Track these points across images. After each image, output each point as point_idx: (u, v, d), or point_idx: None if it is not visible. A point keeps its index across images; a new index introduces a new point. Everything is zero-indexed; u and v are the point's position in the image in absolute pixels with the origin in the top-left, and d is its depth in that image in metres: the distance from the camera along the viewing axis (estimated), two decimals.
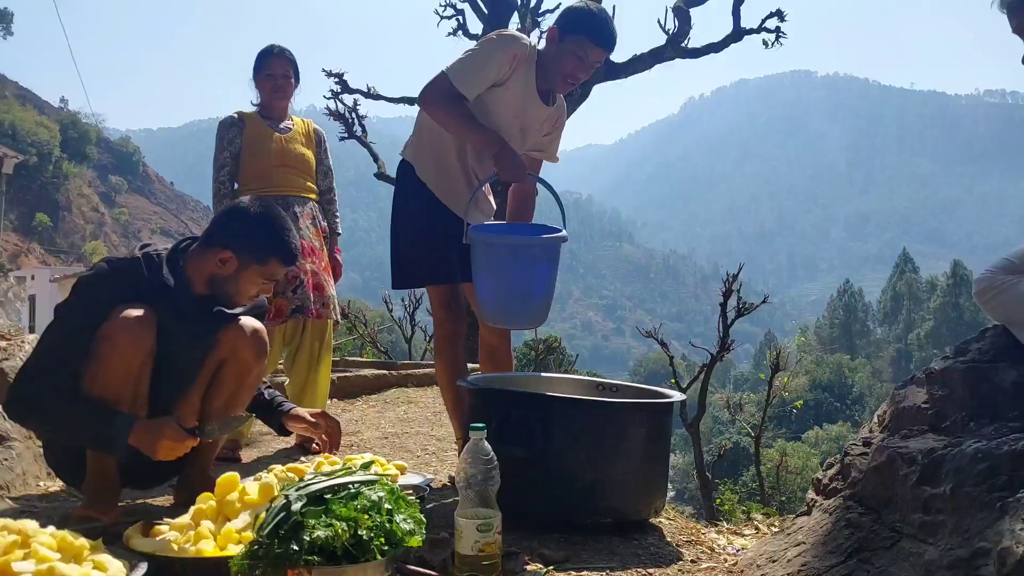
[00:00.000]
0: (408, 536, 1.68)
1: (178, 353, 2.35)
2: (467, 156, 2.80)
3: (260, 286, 2.39)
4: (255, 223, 2.33)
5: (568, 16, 2.71)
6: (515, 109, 2.76)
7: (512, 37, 2.79)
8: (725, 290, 8.39)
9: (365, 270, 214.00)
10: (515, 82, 2.72)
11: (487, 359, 3.00)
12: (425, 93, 2.68)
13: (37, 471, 2.90)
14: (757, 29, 9.68)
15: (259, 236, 2.32)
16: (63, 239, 70.88)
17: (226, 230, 2.35)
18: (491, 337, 2.96)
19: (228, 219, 2.38)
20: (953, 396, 1.98)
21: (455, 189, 2.80)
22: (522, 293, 2.62)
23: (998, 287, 1.99)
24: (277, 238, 2.34)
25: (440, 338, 2.93)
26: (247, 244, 2.31)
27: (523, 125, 2.82)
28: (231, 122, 3.58)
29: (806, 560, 1.87)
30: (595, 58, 2.69)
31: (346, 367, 6.55)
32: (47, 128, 71.92)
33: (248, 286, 2.36)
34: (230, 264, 2.31)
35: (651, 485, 2.40)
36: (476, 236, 2.62)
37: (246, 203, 2.39)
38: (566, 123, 3.03)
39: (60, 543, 1.71)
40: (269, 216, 2.35)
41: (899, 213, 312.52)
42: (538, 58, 2.76)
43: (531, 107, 2.80)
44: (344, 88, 10.78)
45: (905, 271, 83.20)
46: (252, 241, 2.32)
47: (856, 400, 50.75)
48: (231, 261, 2.31)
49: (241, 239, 2.32)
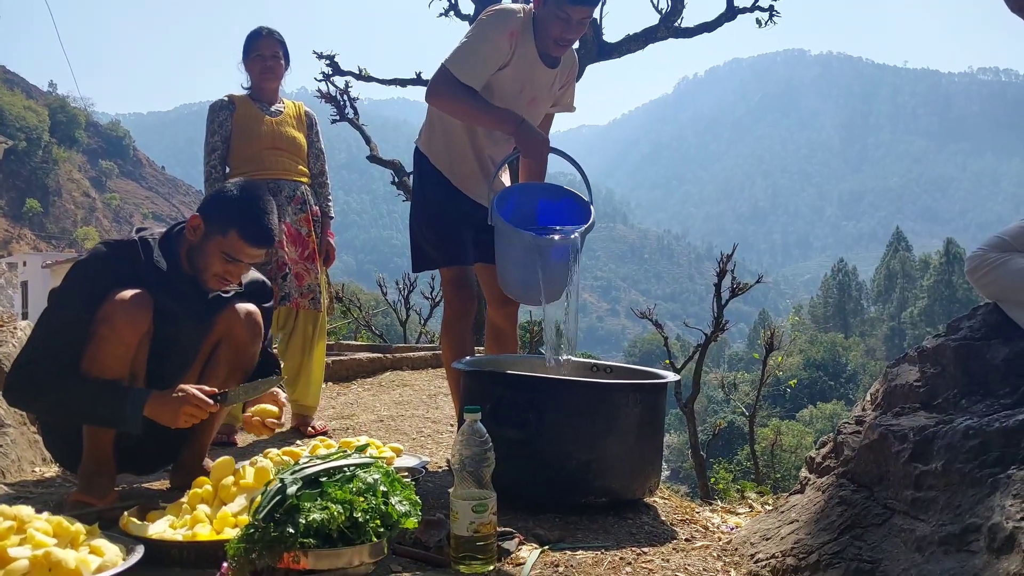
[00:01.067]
0: (404, 518, 1.69)
1: (174, 335, 2.35)
2: (479, 140, 2.81)
3: (224, 265, 2.29)
4: (230, 195, 2.32)
5: None
6: (521, 83, 2.74)
7: (503, 14, 2.70)
8: (719, 270, 8.40)
9: (359, 253, 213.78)
10: (518, 58, 2.70)
11: (493, 341, 3.02)
12: (431, 89, 2.66)
13: (32, 456, 2.90)
14: (751, 8, 9.62)
15: (228, 206, 2.29)
16: (54, 224, 70.51)
17: (206, 200, 2.38)
18: (498, 319, 2.98)
19: (213, 192, 2.42)
20: (945, 374, 1.99)
21: (469, 174, 2.83)
22: (544, 279, 2.62)
23: (990, 264, 2.00)
24: (245, 213, 2.27)
25: (448, 317, 2.93)
26: (214, 211, 2.30)
27: (533, 96, 2.80)
28: (221, 105, 3.55)
29: (799, 537, 1.89)
30: (578, 16, 2.61)
31: (341, 351, 6.56)
32: (36, 112, 71.35)
33: (211, 259, 2.29)
34: (198, 232, 2.30)
35: (645, 465, 2.41)
36: (500, 226, 2.61)
37: (235, 182, 2.39)
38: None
39: (56, 528, 1.71)
40: (247, 192, 2.32)
41: (892, 191, 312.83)
42: (534, 21, 2.71)
43: (538, 75, 2.77)
44: (335, 70, 10.69)
45: (898, 249, 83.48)
46: (220, 209, 2.30)
47: (850, 378, 51.02)
48: (199, 228, 2.30)
49: (211, 206, 2.32)
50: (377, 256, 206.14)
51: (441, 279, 2.97)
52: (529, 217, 2.79)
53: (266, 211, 2.31)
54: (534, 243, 2.56)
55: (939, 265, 69.69)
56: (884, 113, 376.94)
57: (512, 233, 2.59)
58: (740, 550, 2.07)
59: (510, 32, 2.66)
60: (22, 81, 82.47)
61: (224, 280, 2.35)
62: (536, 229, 2.70)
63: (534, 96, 2.80)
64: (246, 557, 1.58)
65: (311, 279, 3.55)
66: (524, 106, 2.76)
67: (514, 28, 2.66)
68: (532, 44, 2.72)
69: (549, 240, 2.59)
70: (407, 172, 10.37)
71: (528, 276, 2.60)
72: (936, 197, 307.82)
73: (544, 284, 2.58)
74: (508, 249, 2.64)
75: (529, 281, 2.60)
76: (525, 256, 2.58)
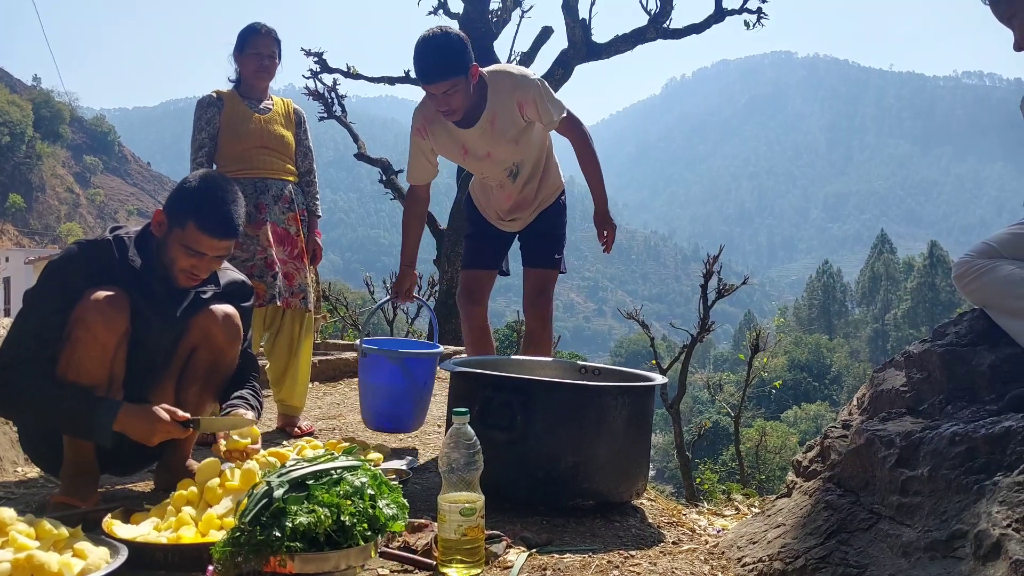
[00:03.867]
0: (391, 521, 1.68)
1: (150, 336, 2.30)
2: (484, 188, 3.37)
3: (189, 259, 2.23)
4: (189, 187, 2.26)
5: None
6: (458, 150, 3.10)
7: (413, 121, 3.11)
8: (706, 271, 8.43)
9: (346, 251, 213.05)
10: (439, 138, 3.08)
11: (525, 341, 3.42)
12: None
13: (14, 457, 2.87)
14: (739, 10, 9.65)
15: (184, 198, 2.24)
16: (37, 220, 69.89)
17: (170, 194, 2.30)
18: (528, 320, 3.39)
19: (176, 186, 2.34)
20: (931, 379, 2.00)
21: (484, 205, 3.44)
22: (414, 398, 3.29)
23: (977, 271, 2.01)
24: (202, 204, 2.21)
25: (462, 319, 3.47)
26: (173, 204, 2.25)
27: (486, 152, 3.08)
28: (209, 101, 3.52)
29: (786, 542, 1.89)
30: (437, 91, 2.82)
31: (327, 350, 6.53)
32: (19, 107, 70.71)
33: (175, 253, 2.24)
34: (163, 226, 2.25)
35: (633, 468, 2.41)
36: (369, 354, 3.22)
37: (198, 173, 2.33)
38: (544, 90, 2.99)
39: (38, 531, 1.70)
40: (206, 183, 2.25)
41: (877, 194, 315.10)
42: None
43: (466, 137, 3.04)
44: (323, 67, 10.64)
45: (883, 251, 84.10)
46: (177, 202, 2.24)
47: (834, 380, 51.38)
48: (164, 224, 2.25)
49: (171, 199, 2.27)
50: (364, 255, 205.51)
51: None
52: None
53: (226, 201, 2.23)
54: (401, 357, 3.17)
55: (922, 268, 70.30)
56: (869, 116, 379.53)
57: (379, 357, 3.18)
58: (727, 553, 2.07)
59: (417, 129, 3.09)
60: (6, 75, 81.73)
61: (192, 276, 2.28)
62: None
63: (487, 152, 3.07)
64: (232, 561, 1.57)
65: (301, 278, 3.53)
66: (483, 160, 3.10)
67: (419, 124, 3.08)
68: (443, 121, 3.01)
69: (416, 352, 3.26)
70: (395, 170, 10.34)
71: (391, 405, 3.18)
72: (920, 200, 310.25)
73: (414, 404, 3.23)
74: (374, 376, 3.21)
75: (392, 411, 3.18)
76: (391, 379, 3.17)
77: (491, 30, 9.68)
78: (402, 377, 3.23)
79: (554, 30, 9.75)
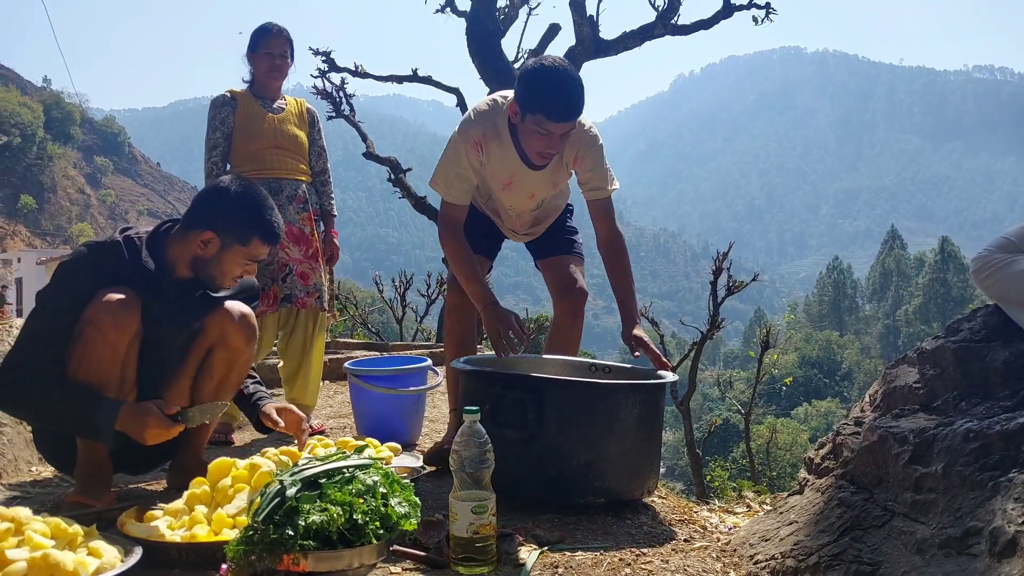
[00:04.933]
0: (403, 519, 1.69)
1: (162, 336, 2.31)
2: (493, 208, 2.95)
3: (244, 266, 2.34)
4: (236, 202, 2.28)
5: (525, 89, 2.49)
6: (502, 178, 2.75)
7: (467, 124, 2.66)
8: (715, 268, 8.41)
9: (355, 251, 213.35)
10: (492, 160, 2.69)
11: (552, 334, 3.01)
12: (440, 231, 2.74)
13: (29, 456, 2.89)
14: (747, 5, 9.60)
15: (240, 216, 2.28)
16: (49, 221, 70.31)
17: (207, 211, 2.30)
18: (557, 312, 2.99)
19: (209, 199, 2.33)
20: (944, 375, 1.99)
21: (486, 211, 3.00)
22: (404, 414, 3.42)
23: (995, 265, 1.99)
24: (258, 217, 2.28)
25: (453, 316, 2.95)
26: (228, 224, 2.27)
27: (527, 188, 2.78)
28: (223, 101, 3.52)
29: (799, 539, 1.89)
30: (560, 131, 2.51)
31: (337, 348, 6.54)
32: (30, 108, 71.11)
33: (231, 267, 2.32)
34: (212, 245, 2.27)
35: (644, 465, 2.40)
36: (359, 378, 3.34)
37: (226, 182, 2.33)
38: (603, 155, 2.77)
39: (54, 530, 1.70)
40: (250, 194, 2.30)
41: (888, 189, 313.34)
42: (512, 128, 2.63)
43: (520, 174, 2.73)
44: (331, 67, 10.64)
45: (893, 247, 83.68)
46: (233, 221, 2.27)
47: (845, 376, 51.15)
48: (213, 242, 2.27)
49: (222, 219, 2.28)
50: (373, 254, 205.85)
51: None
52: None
53: (271, 207, 2.33)
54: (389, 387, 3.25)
55: (934, 263, 69.89)
56: (880, 111, 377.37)
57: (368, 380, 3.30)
58: (739, 551, 2.07)
59: (473, 143, 2.64)
60: (16, 77, 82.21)
61: (235, 279, 2.39)
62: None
63: (531, 192, 2.80)
64: (245, 559, 1.58)
65: (316, 278, 3.53)
66: (520, 196, 2.79)
67: (475, 138, 2.64)
68: (511, 146, 2.66)
69: (403, 369, 3.40)
70: (403, 169, 10.34)
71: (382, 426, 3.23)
72: (931, 195, 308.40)
73: (407, 424, 3.34)
74: (365, 403, 3.34)
75: (385, 432, 3.11)
76: (381, 405, 3.29)
77: (499, 27, 9.67)
78: (392, 402, 3.34)
79: (562, 27, 9.74)
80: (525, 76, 2.50)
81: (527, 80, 2.48)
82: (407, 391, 3.38)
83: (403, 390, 3.37)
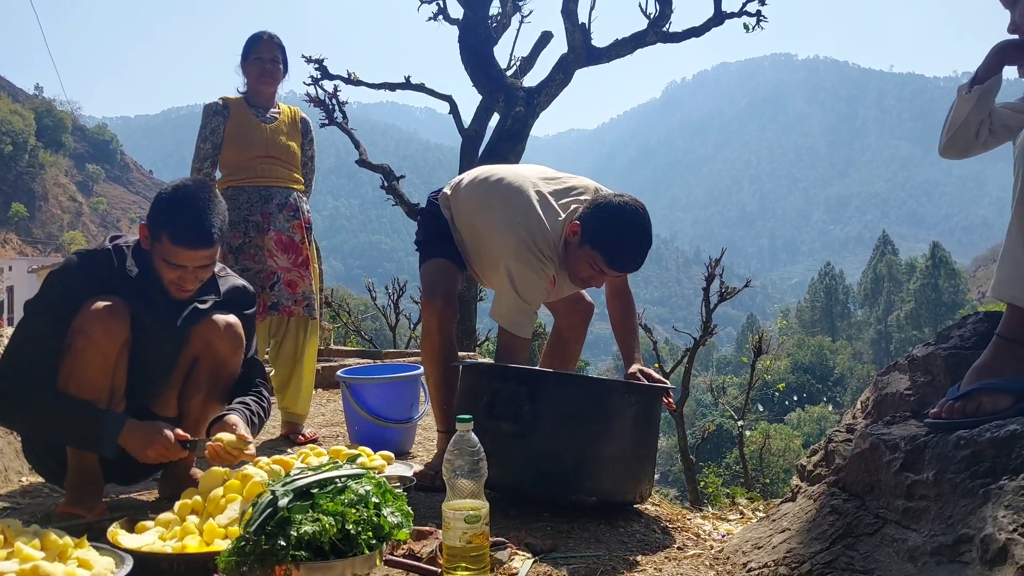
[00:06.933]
0: (396, 529, 1.68)
1: (151, 345, 2.29)
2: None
3: (170, 270, 2.19)
4: (163, 198, 2.20)
5: (596, 225, 2.48)
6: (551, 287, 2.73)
7: (542, 267, 2.55)
8: (708, 274, 8.42)
9: (348, 257, 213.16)
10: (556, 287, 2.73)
11: (549, 350, 3.05)
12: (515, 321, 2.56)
13: (19, 466, 2.87)
14: (738, 13, 9.64)
15: (157, 211, 2.19)
16: (40, 229, 70.04)
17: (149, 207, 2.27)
18: (568, 331, 3.01)
19: (155, 197, 2.29)
20: (935, 382, 2.00)
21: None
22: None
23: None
24: (172, 215, 2.15)
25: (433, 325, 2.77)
26: (150, 217, 2.22)
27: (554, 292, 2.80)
28: (215, 110, 3.51)
29: (791, 547, 1.89)
30: (612, 275, 2.59)
31: (330, 356, 6.53)
32: (22, 116, 70.91)
33: (159, 268, 2.21)
34: (147, 240, 2.23)
35: (637, 468, 2.40)
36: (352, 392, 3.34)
37: (179, 181, 2.28)
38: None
39: (44, 541, 1.70)
40: (177, 193, 2.20)
41: (879, 195, 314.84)
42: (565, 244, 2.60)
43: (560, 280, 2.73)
44: (324, 74, 10.64)
45: (885, 253, 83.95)
46: (153, 215, 2.21)
47: (837, 381, 51.22)
48: (147, 237, 2.23)
49: (149, 212, 2.23)
50: (366, 261, 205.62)
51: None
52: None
53: (199, 209, 2.16)
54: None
55: (925, 269, 70.10)
56: (870, 117, 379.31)
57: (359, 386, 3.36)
58: (732, 558, 2.07)
59: (551, 277, 2.62)
60: (8, 84, 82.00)
61: (181, 288, 2.25)
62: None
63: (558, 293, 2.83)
64: (237, 570, 1.57)
65: (305, 286, 3.52)
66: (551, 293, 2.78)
67: (552, 274, 2.61)
68: (565, 273, 2.66)
69: (395, 377, 3.44)
70: (396, 176, 10.34)
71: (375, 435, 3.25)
72: (922, 201, 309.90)
73: (401, 432, 3.36)
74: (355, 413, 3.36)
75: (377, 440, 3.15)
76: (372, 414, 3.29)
77: (491, 35, 9.69)
78: (383, 411, 3.33)
79: (554, 35, 9.77)
80: (607, 210, 2.48)
81: (607, 220, 2.47)
82: (398, 424, 3.37)
83: (394, 423, 3.35)
